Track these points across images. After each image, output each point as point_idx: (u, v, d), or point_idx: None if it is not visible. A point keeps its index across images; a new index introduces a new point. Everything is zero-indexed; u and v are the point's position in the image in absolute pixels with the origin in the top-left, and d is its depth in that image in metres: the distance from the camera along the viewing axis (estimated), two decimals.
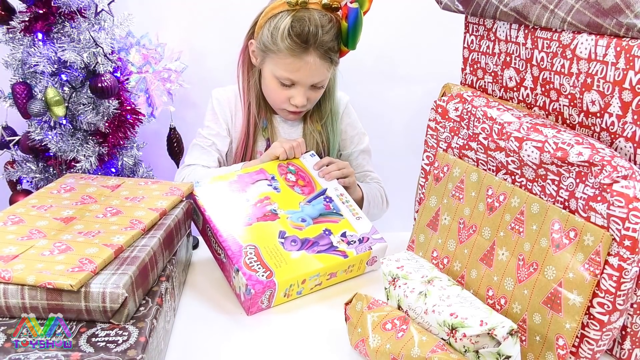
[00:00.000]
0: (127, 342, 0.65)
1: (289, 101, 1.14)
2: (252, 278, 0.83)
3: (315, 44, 1.07)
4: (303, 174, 1.02)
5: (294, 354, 0.78)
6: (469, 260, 0.79)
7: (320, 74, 1.12)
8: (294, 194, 0.98)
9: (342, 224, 0.96)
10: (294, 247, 0.90)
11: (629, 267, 0.63)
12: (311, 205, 0.97)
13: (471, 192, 0.81)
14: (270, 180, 1.00)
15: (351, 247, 0.93)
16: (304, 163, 1.06)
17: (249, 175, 1.00)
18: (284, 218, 0.94)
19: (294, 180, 1.00)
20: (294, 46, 1.07)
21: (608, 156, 0.66)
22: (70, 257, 0.71)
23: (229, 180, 0.98)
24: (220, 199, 0.95)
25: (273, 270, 0.86)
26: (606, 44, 0.70)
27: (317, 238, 0.92)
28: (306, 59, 1.09)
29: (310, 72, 1.10)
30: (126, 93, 1.37)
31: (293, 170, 1.02)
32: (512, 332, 0.63)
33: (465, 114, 0.86)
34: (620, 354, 0.73)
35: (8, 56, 1.26)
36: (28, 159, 1.36)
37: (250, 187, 0.98)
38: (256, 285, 0.83)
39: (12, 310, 0.68)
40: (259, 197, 0.96)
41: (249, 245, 0.88)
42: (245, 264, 0.85)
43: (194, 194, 0.95)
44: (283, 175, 1.01)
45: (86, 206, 0.87)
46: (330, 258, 0.90)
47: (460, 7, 0.89)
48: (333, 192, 1.02)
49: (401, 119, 1.67)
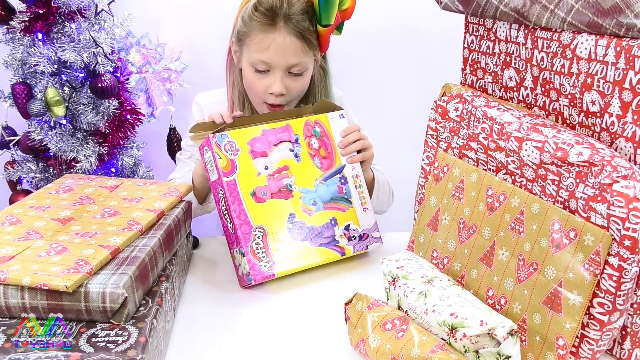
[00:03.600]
0: (127, 342, 0.65)
1: (267, 91, 1.08)
2: (255, 268, 0.87)
3: (282, 16, 1.03)
4: (327, 140, 1.00)
5: (294, 354, 0.78)
6: (469, 260, 0.79)
7: (295, 54, 1.06)
8: (312, 167, 0.97)
9: (349, 214, 0.98)
10: (299, 235, 0.93)
11: (629, 267, 0.63)
12: (326, 185, 0.97)
13: (471, 192, 0.81)
14: (293, 143, 0.97)
15: (350, 244, 0.97)
16: (331, 124, 1.02)
17: (274, 132, 0.96)
18: (297, 197, 0.94)
19: (316, 148, 0.98)
20: (261, 19, 1.03)
21: (608, 156, 0.66)
22: (67, 258, 0.70)
23: (252, 137, 0.94)
24: (241, 162, 0.92)
25: (275, 260, 0.89)
26: (606, 44, 0.70)
27: (322, 228, 0.95)
28: (275, 35, 1.04)
29: (282, 49, 1.05)
30: (126, 93, 1.37)
31: (318, 134, 0.99)
32: (512, 332, 0.63)
33: (465, 114, 0.86)
34: (620, 354, 0.73)
35: (8, 56, 1.26)
36: (28, 159, 1.36)
37: (272, 149, 0.95)
38: (257, 276, 0.88)
39: (12, 310, 0.68)
40: (279, 165, 0.95)
41: (259, 228, 0.89)
42: (252, 249, 0.88)
43: (214, 151, 0.91)
44: (307, 138, 0.98)
45: (84, 207, 0.86)
46: (329, 253, 0.95)
47: (460, 7, 0.89)
48: (350, 171, 1.01)
49: (401, 119, 1.67)
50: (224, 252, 1.02)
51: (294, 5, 1.04)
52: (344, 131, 1.02)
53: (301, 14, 1.04)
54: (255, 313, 0.87)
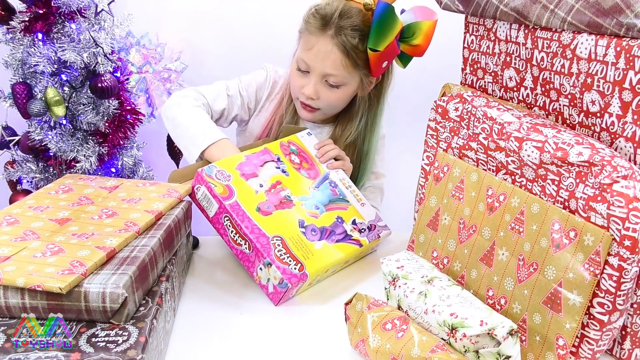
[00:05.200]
0: (127, 342, 0.65)
1: (301, 90, 1.12)
2: (287, 272, 0.86)
3: (334, 25, 1.04)
4: (305, 155, 1.04)
5: (294, 354, 0.78)
6: (469, 260, 0.79)
7: (333, 65, 1.07)
8: (302, 178, 1.00)
9: (350, 211, 1.00)
10: (314, 236, 0.93)
11: (629, 267, 0.63)
12: (320, 191, 1.00)
13: (471, 192, 0.81)
14: (277, 162, 1.00)
15: (363, 236, 0.99)
16: (303, 142, 1.06)
17: (256, 155, 0.99)
18: (299, 205, 0.95)
19: (298, 163, 1.01)
20: (314, 23, 1.06)
21: (608, 156, 0.66)
22: (62, 260, 0.70)
23: (238, 163, 0.96)
24: (236, 186, 0.93)
25: (303, 262, 0.89)
26: (606, 44, 0.70)
27: (332, 226, 0.96)
28: (321, 40, 1.06)
29: (322, 55, 1.07)
30: (126, 93, 1.37)
31: (295, 151, 1.02)
32: (512, 332, 0.63)
33: (465, 114, 0.86)
34: (620, 354, 0.73)
35: (8, 56, 1.26)
36: (28, 159, 1.36)
37: (260, 170, 0.97)
38: (292, 279, 0.85)
39: (12, 310, 0.68)
40: (272, 182, 0.96)
41: (276, 237, 0.89)
42: (276, 256, 0.87)
43: (208, 181, 0.92)
44: (287, 156, 1.01)
45: (82, 207, 0.86)
46: (348, 247, 0.96)
47: (460, 7, 0.89)
48: (335, 176, 1.05)
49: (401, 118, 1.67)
50: (224, 252, 1.02)
51: (349, 19, 1.05)
52: (318, 144, 1.07)
53: (352, 30, 1.04)
54: (255, 313, 0.87)
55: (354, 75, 1.10)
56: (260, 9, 1.52)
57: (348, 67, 1.07)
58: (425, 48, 1.09)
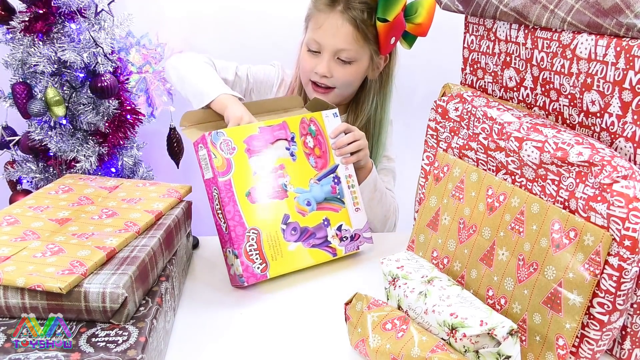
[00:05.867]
0: (127, 342, 0.65)
1: (313, 71, 1.13)
2: (249, 270, 0.88)
3: (342, 1, 1.08)
4: (322, 139, 1.00)
5: (294, 354, 0.78)
6: (469, 260, 0.79)
7: (345, 39, 1.09)
8: (307, 166, 0.97)
9: (341, 215, 0.98)
10: (292, 236, 0.93)
11: (629, 267, 0.63)
12: (320, 186, 0.97)
13: (471, 192, 0.81)
14: (289, 141, 0.96)
15: (342, 245, 0.98)
16: (325, 123, 1.01)
17: (271, 129, 0.95)
18: (291, 197, 0.94)
19: (311, 147, 0.98)
20: (323, 1, 1.09)
21: (608, 156, 0.66)
22: (62, 260, 0.70)
23: (248, 135, 0.93)
24: (236, 162, 0.90)
25: (269, 262, 0.90)
26: (606, 44, 0.70)
27: (315, 228, 0.95)
28: (330, 16, 1.09)
29: (333, 30, 1.09)
30: (126, 93, 1.37)
31: (313, 132, 0.99)
32: (512, 332, 0.63)
33: (465, 114, 0.86)
34: (620, 354, 0.73)
35: (8, 56, 1.26)
36: (28, 159, 1.36)
37: (269, 147, 0.94)
38: (250, 278, 0.89)
39: (12, 310, 0.68)
40: (275, 165, 0.94)
41: (253, 229, 0.89)
42: (245, 251, 0.88)
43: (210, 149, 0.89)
44: (303, 136, 0.98)
45: (82, 207, 0.86)
46: (321, 255, 0.96)
47: (460, 7, 0.89)
48: (343, 171, 1.01)
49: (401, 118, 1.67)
50: None
51: None
52: (333, 132, 1.01)
53: (360, 3, 1.08)
54: (255, 313, 0.87)
55: (365, 50, 1.12)
56: (260, 9, 1.52)
57: (359, 41, 1.10)
58: (428, 27, 1.14)
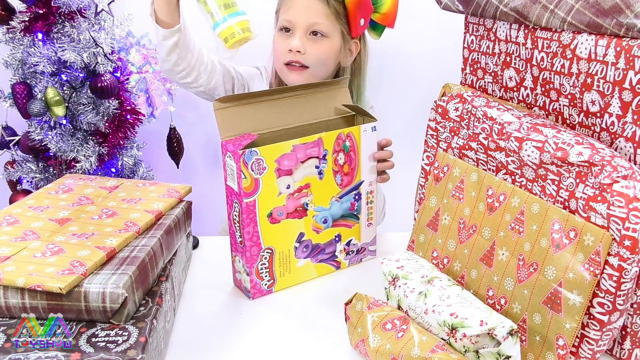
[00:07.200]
0: (127, 342, 0.65)
1: (287, 49, 1.14)
2: (256, 286, 0.90)
3: None
4: (353, 156, 0.97)
5: (294, 354, 0.78)
6: (469, 260, 0.79)
7: (315, 13, 1.12)
8: (332, 185, 0.96)
9: (354, 230, 1.00)
10: (303, 254, 0.95)
11: (629, 267, 0.63)
12: (340, 203, 0.97)
13: (471, 192, 0.81)
14: (320, 159, 0.94)
15: (347, 258, 1.00)
16: (362, 138, 0.98)
17: (305, 147, 0.92)
18: (310, 216, 0.94)
19: (340, 165, 0.96)
20: None
21: (608, 156, 0.66)
22: (62, 260, 0.70)
23: (281, 154, 0.90)
24: (264, 182, 0.89)
25: (276, 279, 0.92)
26: (606, 44, 0.70)
27: (326, 245, 0.97)
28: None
29: (304, 7, 1.12)
30: (126, 93, 1.38)
31: (347, 148, 0.96)
32: (512, 332, 0.63)
33: (465, 114, 0.86)
34: (620, 354, 0.73)
35: (8, 56, 1.26)
36: (28, 159, 1.36)
37: (299, 167, 0.92)
38: (256, 294, 0.91)
39: (12, 310, 0.68)
40: (300, 184, 0.93)
41: (267, 249, 0.90)
42: (256, 270, 0.90)
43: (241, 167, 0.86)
44: (336, 153, 0.95)
45: (82, 207, 0.86)
46: (325, 268, 0.98)
47: (460, 7, 0.89)
48: (366, 187, 1.00)
49: (401, 119, 1.67)
50: (224, 252, 1.02)
51: None
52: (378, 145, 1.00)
53: None
54: (255, 313, 0.87)
55: (336, 27, 1.15)
56: (260, 9, 1.52)
57: (330, 17, 1.13)
58: (394, 17, 1.17)
